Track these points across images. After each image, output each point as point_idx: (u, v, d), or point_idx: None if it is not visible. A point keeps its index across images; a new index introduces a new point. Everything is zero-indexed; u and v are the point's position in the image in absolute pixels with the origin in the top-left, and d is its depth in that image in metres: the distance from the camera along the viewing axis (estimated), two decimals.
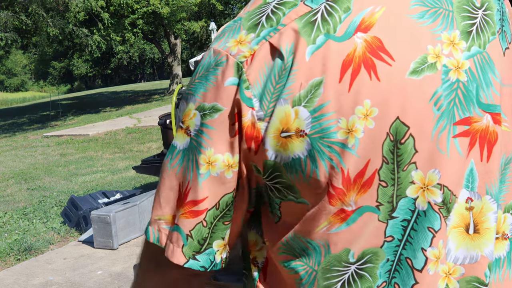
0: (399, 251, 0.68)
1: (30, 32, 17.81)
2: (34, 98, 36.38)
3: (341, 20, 0.66)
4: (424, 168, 0.67)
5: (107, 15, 17.96)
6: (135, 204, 4.75)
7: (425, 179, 0.67)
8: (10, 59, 40.44)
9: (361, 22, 0.66)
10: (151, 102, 20.22)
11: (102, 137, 12.23)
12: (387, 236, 0.68)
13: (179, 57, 22.76)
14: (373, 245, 0.68)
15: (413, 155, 0.66)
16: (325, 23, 0.66)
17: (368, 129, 0.64)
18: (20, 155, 11.12)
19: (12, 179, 8.52)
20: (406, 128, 0.65)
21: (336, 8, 0.66)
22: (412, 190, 0.67)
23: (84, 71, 44.64)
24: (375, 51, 0.65)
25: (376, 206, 0.67)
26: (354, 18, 0.66)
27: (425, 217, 0.68)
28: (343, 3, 0.67)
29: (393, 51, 0.65)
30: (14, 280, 4.09)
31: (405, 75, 0.65)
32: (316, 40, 0.65)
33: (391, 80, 0.65)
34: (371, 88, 0.64)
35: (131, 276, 3.78)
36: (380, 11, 0.67)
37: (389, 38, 0.66)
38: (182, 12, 20.61)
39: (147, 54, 42.78)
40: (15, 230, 5.37)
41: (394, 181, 0.66)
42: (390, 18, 0.67)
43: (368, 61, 0.64)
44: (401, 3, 0.68)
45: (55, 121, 17.75)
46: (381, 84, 0.64)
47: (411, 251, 0.68)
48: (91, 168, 8.74)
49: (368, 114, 0.64)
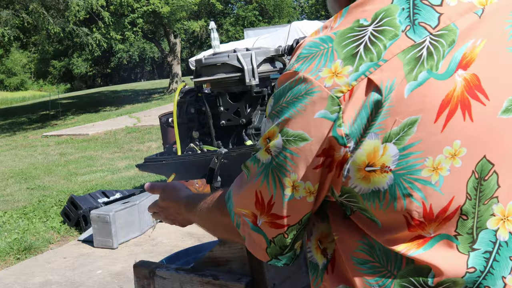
0: (479, 281, 0.69)
1: (30, 31, 17.79)
2: (34, 97, 36.33)
3: (444, 55, 0.64)
4: (504, 200, 0.67)
5: (107, 14, 17.94)
6: (134, 204, 4.74)
7: (505, 210, 0.68)
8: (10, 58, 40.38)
9: (462, 58, 0.64)
10: (151, 101, 20.20)
11: (102, 137, 12.22)
12: (469, 267, 0.68)
13: (178, 56, 22.74)
14: (454, 275, 0.68)
15: (496, 190, 0.67)
16: (429, 59, 0.64)
17: (455, 168, 0.65)
18: (19, 155, 11.11)
19: (12, 178, 8.51)
20: (491, 166, 0.66)
21: (441, 42, 0.65)
22: (492, 222, 0.68)
23: (84, 70, 44.59)
24: (472, 91, 0.64)
25: (454, 236, 0.67)
26: (456, 53, 0.64)
27: (507, 247, 0.69)
28: (449, 36, 0.65)
29: (489, 90, 0.65)
30: (14, 279, 4.08)
31: (497, 115, 0.65)
32: (418, 77, 0.63)
33: (483, 120, 0.65)
34: (464, 128, 0.64)
35: (130, 275, 3.77)
36: (481, 45, 0.65)
37: (487, 75, 0.65)
38: (182, 11, 20.59)
39: (147, 53, 42.73)
40: (15, 229, 5.36)
41: (475, 214, 0.67)
42: (490, 53, 0.66)
43: (465, 101, 0.64)
44: (501, 34, 0.67)
45: (55, 120, 17.74)
46: (473, 125, 0.64)
47: (491, 280, 0.69)
48: (91, 168, 8.73)
49: (456, 154, 0.64)
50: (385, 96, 0.63)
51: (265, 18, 35.26)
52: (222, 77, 3.74)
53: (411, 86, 0.63)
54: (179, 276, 1.28)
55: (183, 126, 3.99)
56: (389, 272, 0.70)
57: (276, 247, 0.78)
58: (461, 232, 0.67)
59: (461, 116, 0.64)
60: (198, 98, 3.94)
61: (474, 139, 0.65)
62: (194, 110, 3.97)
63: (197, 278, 1.25)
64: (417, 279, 0.69)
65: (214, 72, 3.77)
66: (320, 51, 0.67)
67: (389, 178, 0.65)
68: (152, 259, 1.69)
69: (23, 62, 49.79)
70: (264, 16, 35.33)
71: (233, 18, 36.21)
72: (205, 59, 3.80)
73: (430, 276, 0.68)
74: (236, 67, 3.71)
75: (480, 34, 0.66)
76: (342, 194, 0.71)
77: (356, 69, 0.65)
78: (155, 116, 11.08)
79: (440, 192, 0.65)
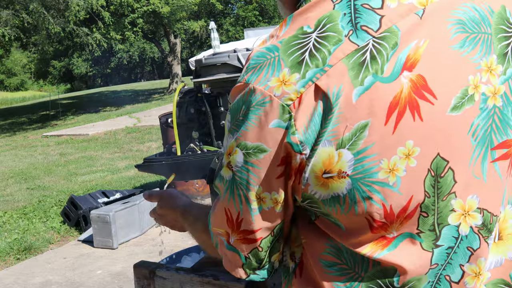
0: (440, 273, 0.71)
1: (30, 31, 17.79)
2: (34, 97, 36.34)
3: (388, 58, 0.65)
4: (463, 195, 0.68)
5: (107, 14, 17.95)
6: (134, 204, 4.74)
7: (465, 205, 0.69)
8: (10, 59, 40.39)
9: (406, 59, 0.65)
10: (151, 101, 20.21)
11: (102, 137, 12.22)
12: (432, 264, 0.70)
13: (178, 56, 22.75)
14: (418, 274, 0.70)
15: (453, 186, 0.68)
16: (373, 63, 0.64)
17: (410, 167, 0.65)
18: (19, 155, 11.11)
19: (12, 178, 8.51)
20: (445, 163, 0.67)
21: (384, 45, 0.65)
22: (453, 218, 0.69)
23: (84, 71, 44.61)
24: (419, 91, 0.65)
25: (416, 233, 0.69)
26: (400, 55, 0.65)
27: (466, 239, 0.70)
28: (392, 39, 0.65)
29: (436, 89, 0.65)
30: (14, 280, 4.08)
31: (446, 112, 0.66)
32: (364, 82, 0.64)
33: (433, 119, 0.65)
34: (414, 129, 0.65)
35: (130, 275, 3.78)
36: (424, 45, 0.66)
37: (433, 75, 0.66)
38: (182, 11, 20.59)
39: (147, 54, 42.75)
40: (15, 229, 5.36)
41: (435, 211, 0.68)
42: (434, 53, 0.66)
43: (413, 102, 0.64)
44: (444, 33, 0.68)
45: (55, 120, 17.74)
46: (423, 124, 0.65)
47: (450, 269, 0.71)
48: (91, 168, 8.73)
49: (410, 154, 0.65)
50: (333, 102, 0.64)
51: (265, 18, 35.26)
52: (222, 77, 3.73)
53: (358, 91, 0.64)
54: (179, 276, 1.28)
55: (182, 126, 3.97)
56: (357, 274, 0.71)
57: (253, 261, 0.78)
58: (423, 230, 0.68)
59: (411, 117, 0.64)
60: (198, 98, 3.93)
61: (426, 138, 0.65)
62: (194, 110, 3.95)
63: (197, 278, 1.25)
64: (384, 280, 0.70)
65: (214, 72, 3.76)
66: (267, 60, 0.68)
67: (347, 183, 0.66)
68: (152, 259, 1.69)
69: (23, 62, 49.80)
70: (264, 16, 35.33)
71: (233, 18, 36.22)
72: (205, 59, 3.79)
73: (395, 276, 0.69)
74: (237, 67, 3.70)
75: (422, 34, 0.66)
76: (303, 200, 0.71)
77: (303, 76, 0.65)
78: (155, 116, 11.09)
79: (399, 193, 0.66)
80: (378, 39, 0.65)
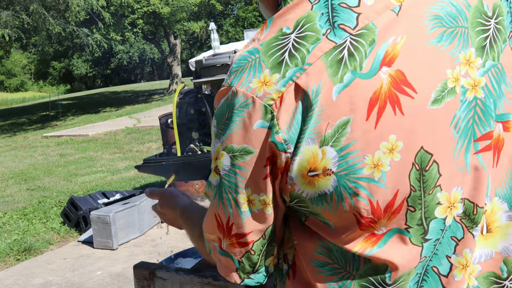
0: (427, 264, 0.72)
1: (30, 32, 17.80)
2: (33, 98, 36.37)
3: (366, 55, 0.66)
4: (448, 188, 0.69)
5: (107, 14, 17.96)
6: (134, 205, 4.74)
7: (451, 198, 0.69)
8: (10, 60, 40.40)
9: (385, 55, 0.66)
10: (150, 102, 20.21)
11: (102, 137, 12.22)
12: (422, 257, 0.71)
13: (178, 57, 22.77)
14: (409, 268, 0.70)
15: (438, 178, 0.68)
16: (352, 60, 0.65)
17: (395, 162, 0.66)
18: (19, 155, 11.11)
19: (12, 179, 8.51)
20: (429, 156, 0.67)
21: (361, 42, 0.66)
22: (440, 211, 0.70)
23: (84, 71, 44.59)
24: (399, 86, 0.65)
25: (405, 229, 0.69)
26: (378, 51, 0.66)
27: (450, 229, 0.71)
28: (369, 36, 0.66)
29: (415, 83, 0.66)
30: (14, 281, 4.08)
31: (427, 106, 0.67)
32: (343, 79, 0.65)
33: (414, 113, 0.66)
34: (396, 123, 0.65)
35: (130, 276, 3.78)
36: (402, 41, 0.67)
37: (411, 69, 0.66)
38: (182, 12, 20.61)
39: (147, 54, 42.76)
40: (15, 230, 5.36)
41: (421, 205, 0.68)
42: (411, 48, 0.67)
43: (393, 97, 0.65)
44: (420, 29, 0.68)
45: (55, 121, 17.75)
46: (405, 118, 0.66)
47: (436, 260, 0.71)
48: (91, 169, 8.73)
49: (394, 149, 0.66)
50: (312, 99, 0.65)
51: (265, 19, 35.18)
52: (223, 78, 3.74)
53: (338, 88, 0.65)
54: (179, 277, 1.28)
55: (182, 127, 3.99)
56: (349, 273, 0.72)
57: (246, 266, 0.78)
58: (411, 224, 0.69)
59: (392, 111, 0.65)
60: (198, 99, 3.94)
61: (408, 132, 0.66)
62: (193, 111, 3.97)
63: (197, 279, 1.25)
64: (376, 277, 0.71)
65: (214, 73, 3.77)
66: (249, 63, 0.69)
67: (333, 180, 0.66)
68: (152, 260, 1.69)
69: (23, 63, 49.83)
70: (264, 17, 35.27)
71: (233, 19, 36.24)
72: (206, 60, 3.80)
73: (387, 272, 0.70)
74: None
75: (399, 31, 0.67)
76: (292, 200, 0.72)
77: (283, 75, 0.66)
78: (155, 117, 11.09)
79: (385, 187, 0.66)
80: (356, 37, 0.66)
